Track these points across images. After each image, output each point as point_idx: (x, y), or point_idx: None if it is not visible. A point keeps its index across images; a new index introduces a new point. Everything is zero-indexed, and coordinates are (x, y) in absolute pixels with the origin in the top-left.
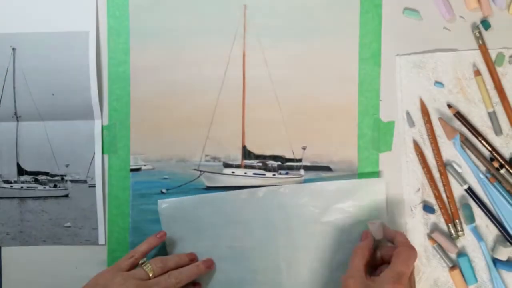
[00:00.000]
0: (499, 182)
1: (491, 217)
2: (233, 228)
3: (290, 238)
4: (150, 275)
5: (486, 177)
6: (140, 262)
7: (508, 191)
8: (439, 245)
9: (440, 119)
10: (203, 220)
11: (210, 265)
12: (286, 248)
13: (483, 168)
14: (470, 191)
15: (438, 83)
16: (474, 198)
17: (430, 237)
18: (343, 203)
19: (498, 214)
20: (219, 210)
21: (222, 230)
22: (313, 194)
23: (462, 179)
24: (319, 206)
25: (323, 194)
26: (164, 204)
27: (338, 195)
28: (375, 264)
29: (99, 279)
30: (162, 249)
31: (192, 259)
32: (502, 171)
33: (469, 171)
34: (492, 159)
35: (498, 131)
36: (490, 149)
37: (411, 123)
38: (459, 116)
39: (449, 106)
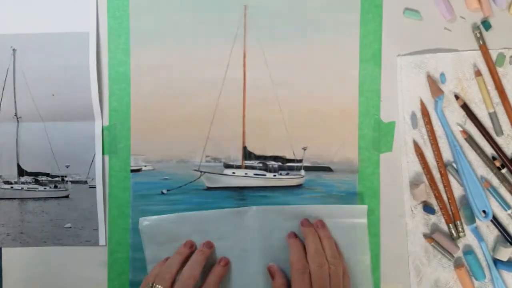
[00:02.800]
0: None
1: (496, 224)
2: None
3: (271, 259)
4: None
5: (460, 146)
6: (148, 287)
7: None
8: (440, 246)
9: (428, 77)
10: (185, 239)
11: (211, 245)
12: (266, 267)
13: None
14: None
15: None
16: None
17: (430, 237)
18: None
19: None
20: (200, 229)
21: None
22: (296, 217)
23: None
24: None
25: (306, 216)
26: (146, 222)
27: (321, 219)
28: None
29: None
30: (143, 269)
31: (191, 245)
32: (504, 170)
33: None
34: (494, 158)
35: (498, 131)
36: (493, 145)
37: (415, 125)
38: (465, 107)
39: (457, 97)
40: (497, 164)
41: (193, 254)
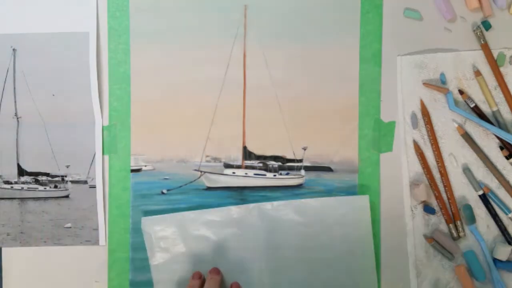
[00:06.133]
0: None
1: (500, 223)
2: (217, 245)
3: (274, 254)
4: None
5: None
6: None
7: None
8: (440, 246)
9: (425, 84)
10: (186, 238)
11: (219, 271)
12: (271, 264)
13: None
14: (484, 197)
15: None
16: (487, 206)
17: (430, 237)
18: (327, 220)
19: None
20: (202, 227)
21: (206, 247)
22: (298, 211)
23: (477, 185)
24: (304, 223)
25: (308, 211)
26: (148, 221)
27: (323, 212)
28: None
29: None
30: (143, 269)
31: (200, 276)
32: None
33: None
34: (502, 148)
35: (504, 129)
36: (500, 136)
37: (415, 125)
38: (470, 100)
39: (461, 92)
40: (504, 154)
41: (206, 283)
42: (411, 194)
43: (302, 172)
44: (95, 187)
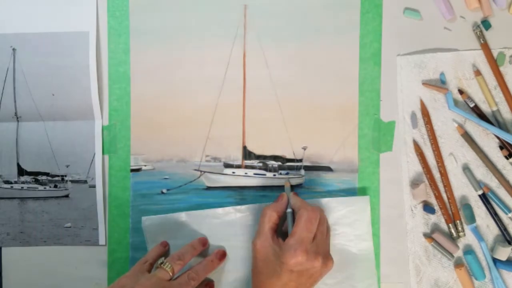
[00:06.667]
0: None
1: (499, 223)
2: (216, 245)
3: None
4: (171, 274)
5: None
6: (159, 262)
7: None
8: (440, 245)
9: (424, 84)
10: (187, 237)
11: (222, 256)
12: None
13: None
14: (484, 197)
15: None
16: (487, 205)
17: (430, 237)
18: (328, 220)
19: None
20: (202, 227)
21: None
22: None
23: (477, 184)
24: None
25: None
26: (148, 221)
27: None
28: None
29: (124, 282)
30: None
31: (204, 243)
32: (511, 160)
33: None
34: (501, 147)
35: (503, 129)
36: (499, 136)
37: (415, 124)
38: (470, 100)
39: (461, 92)
40: (504, 153)
41: (207, 258)
42: (411, 193)
43: (302, 171)
44: (94, 186)
